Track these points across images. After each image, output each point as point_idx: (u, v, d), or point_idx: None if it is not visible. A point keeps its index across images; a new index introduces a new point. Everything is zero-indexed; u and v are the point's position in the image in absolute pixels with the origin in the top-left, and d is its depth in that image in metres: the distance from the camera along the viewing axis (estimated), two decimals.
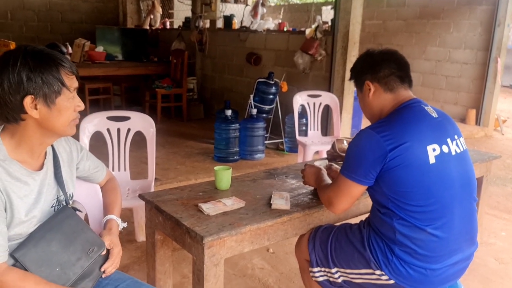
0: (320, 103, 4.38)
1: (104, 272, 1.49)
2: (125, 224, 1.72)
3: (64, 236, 1.39)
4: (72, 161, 1.57)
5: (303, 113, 4.82)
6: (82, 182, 1.75)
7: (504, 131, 7.24)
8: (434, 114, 1.70)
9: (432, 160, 1.59)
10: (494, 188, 4.47)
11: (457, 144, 1.69)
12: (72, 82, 1.36)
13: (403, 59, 1.78)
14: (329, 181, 1.92)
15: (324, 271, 1.84)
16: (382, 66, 1.73)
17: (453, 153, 1.66)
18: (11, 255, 1.30)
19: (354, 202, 1.74)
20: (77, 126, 1.47)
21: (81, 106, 1.40)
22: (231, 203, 1.87)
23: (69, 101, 1.35)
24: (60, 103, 1.32)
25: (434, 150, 1.60)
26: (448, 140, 1.66)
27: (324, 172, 2.01)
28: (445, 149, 1.63)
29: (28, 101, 1.27)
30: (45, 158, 1.44)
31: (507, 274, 2.83)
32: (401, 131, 1.60)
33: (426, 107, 1.71)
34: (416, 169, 1.57)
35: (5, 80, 1.25)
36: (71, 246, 1.40)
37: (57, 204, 1.45)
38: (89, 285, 1.43)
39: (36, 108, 1.29)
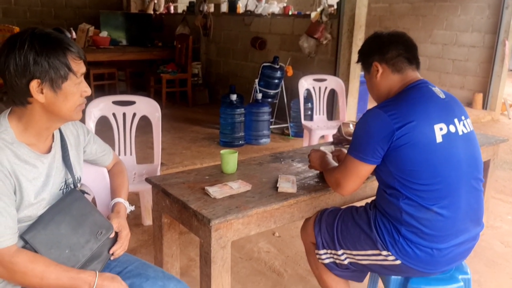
0: (326, 87, 4.35)
1: (112, 254, 1.51)
2: (132, 207, 1.73)
3: (73, 219, 1.41)
4: (79, 144, 1.58)
5: (308, 98, 4.80)
6: (90, 165, 1.76)
7: (511, 115, 7.19)
8: (441, 95, 1.70)
9: (439, 139, 1.59)
10: (500, 172, 4.46)
11: (464, 125, 1.69)
12: (79, 68, 1.34)
13: (411, 41, 1.78)
14: (334, 164, 1.92)
15: (330, 253, 1.85)
16: (390, 47, 1.73)
17: (460, 133, 1.66)
18: (21, 237, 1.32)
19: (362, 183, 1.74)
20: (83, 111, 1.46)
21: (88, 92, 1.39)
22: (237, 187, 1.88)
23: (76, 87, 1.34)
24: (66, 88, 1.31)
25: (441, 129, 1.61)
26: (455, 120, 1.66)
27: (330, 156, 2.02)
28: (452, 128, 1.64)
29: (34, 85, 1.27)
30: (53, 141, 1.44)
31: None
32: (408, 110, 1.60)
33: (433, 88, 1.71)
34: (423, 147, 1.57)
35: (11, 62, 1.25)
36: (79, 228, 1.41)
37: (65, 187, 1.46)
38: (98, 267, 1.45)
39: (42, 92, 1.29)
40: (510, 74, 8.24)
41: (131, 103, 2.94)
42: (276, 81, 5.49)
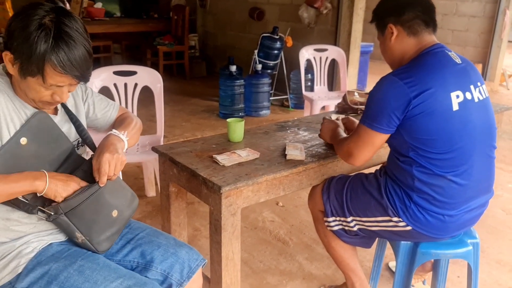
0: (327, 58, 4.31)
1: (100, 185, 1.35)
2: (126, 137, 1.46)
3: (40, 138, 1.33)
4: (78, 97, 1.51)
5: (308, 69, 4.76)
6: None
7: (510, 86, 7.18)
8: (458, 60, 1.65)
9: (455, 107, 1.55)
10: (500, 142, 4.47)
11: (480, 91, 1.65)
12: (59, 80, 1.21)
13: (429, 1, 1.70)
14: (345, 135, 1.88)
15: (340, 221, 1.85)
16: (406, 8, 1.65)
17: (476, 100, 1.62)
18: None
19: (375, 152, 1.69)
20: None
21: (61, 100, 1.29)
22: (246, 154, 1.86)
23: (41, 88, 1.24)
24: (29, 82, 1.23)
25: (457, 97, 1.56)
26: (472, 87, 1.62)
27: (342, 128, 1.97)
28: (468, 96, 1.60)
29: (7, 56, 1.21)
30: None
31: None
32: (425, 77, 1.54)
33: (449, 53, 1.66)
34: (440, 116, 1.54)
35: (14, 20, 1.20)
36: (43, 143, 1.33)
37: (77, 147, 1.44)
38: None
39: (13, 66, 1.22)
40: (509, 45, 8.18)
41: (133, 73, 2.90)
42: (276, 52, 5.43)
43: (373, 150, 1.67)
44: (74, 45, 1.20)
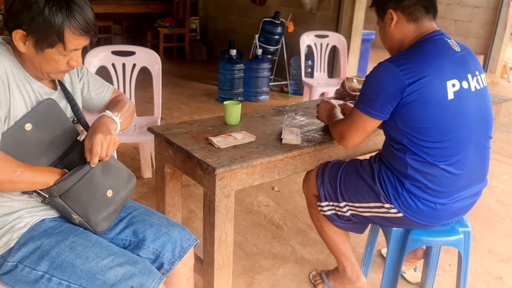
0: (328, 44, 4.28)
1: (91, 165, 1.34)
2: (119, 119, 1.48)
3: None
4: (74, 75, 1.51)
5: (308, 55, 4.73)
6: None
7: (511, 78, 7.15)
8: (457, 48, 1.63)
9: (450, 96, 1.55)
10: (498, 134, 4.48)
11: (477, 81, 1.64)
12: (76, 43, 1.26)
13: None
14: (341, 117, 1.89)
15: (333, 206, 1.86)
16: None
17: (473, 89, 1.61)
18: None
19: (367, 137, 1.71)
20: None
21: (77, 64, 1.32)
22: (241, 137, 1.86)
23: (60, 57, 1.27)
24: (48, 54, 1.25)
25: (453, 85, 1.56)
26: (469, 76, 1.61)
27: (338, 109, 1.98)
28: (464, 85, 1.59)
29: (18, 34, 1.21)
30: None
31: (508, 215, 2.88)
32: (422, 65, 1.53)
33: (449, 40, 1.64)
34: (434, 104, 1.53)
35: (24, 3, 1.19)
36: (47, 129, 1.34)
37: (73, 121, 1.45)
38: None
39: (24, 44, 1.23)
40: (511, 38, 8.13)
41: (131, 53, 2.88)
42: (277, 37, 5.39)
43: (364, 135, 1.68)
44: (84, 7, 1.26)
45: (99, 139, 1.33)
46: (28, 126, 1.28)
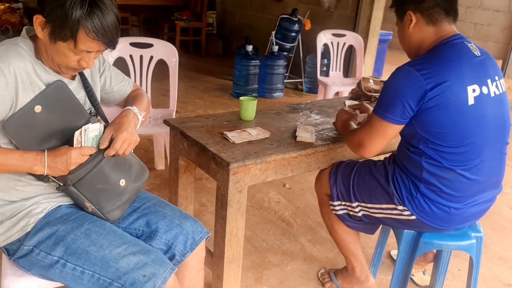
0: (344, 43, 4.26)
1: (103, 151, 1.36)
2: (142, 117, 1.51)
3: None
4: (95, 69, 1.53)
5: (325, 53, 4.71)
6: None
7: None
8: (477, 52, 1.61)
9: (471, 101, 1.53)
10: (510, 140, 4.42)
11: (496, 86, 1.62)
12: (88, 45, 1.24)
13: None
14: (355, 127, 1.86)
15: (345, 205, 1.86)
16: None
17: (492, 94, 1.59)
18: None
19: (387, 144, 1.67)
20: None
21: (87, 66, 1.30)
22: (256, 133, 1.87)
23: (70, 53, 1.26)
24: (59, 47, 1.25)
25: (474, 90, 1.54)
26: (489, 81, 1.59)
27: (355, 120, 1.93)
28: (484, 90, 1.57)
29: (38, 19, 1.23)
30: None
31: None
32: (442, 70, 1.51)
33: (469, 44, 1.62)
34: (454, 110, 1.51)
35: None
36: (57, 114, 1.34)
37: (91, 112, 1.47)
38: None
39: (43, 30, 1.25)
40: None
41: (149, 45, 2.90)
42: (293, 34, 5.38)
43: (384, 141, 1.64)
44: (107, 12, 1.23)
45: (123, 137, 1.35)
46: (38, 108, 1.28)
